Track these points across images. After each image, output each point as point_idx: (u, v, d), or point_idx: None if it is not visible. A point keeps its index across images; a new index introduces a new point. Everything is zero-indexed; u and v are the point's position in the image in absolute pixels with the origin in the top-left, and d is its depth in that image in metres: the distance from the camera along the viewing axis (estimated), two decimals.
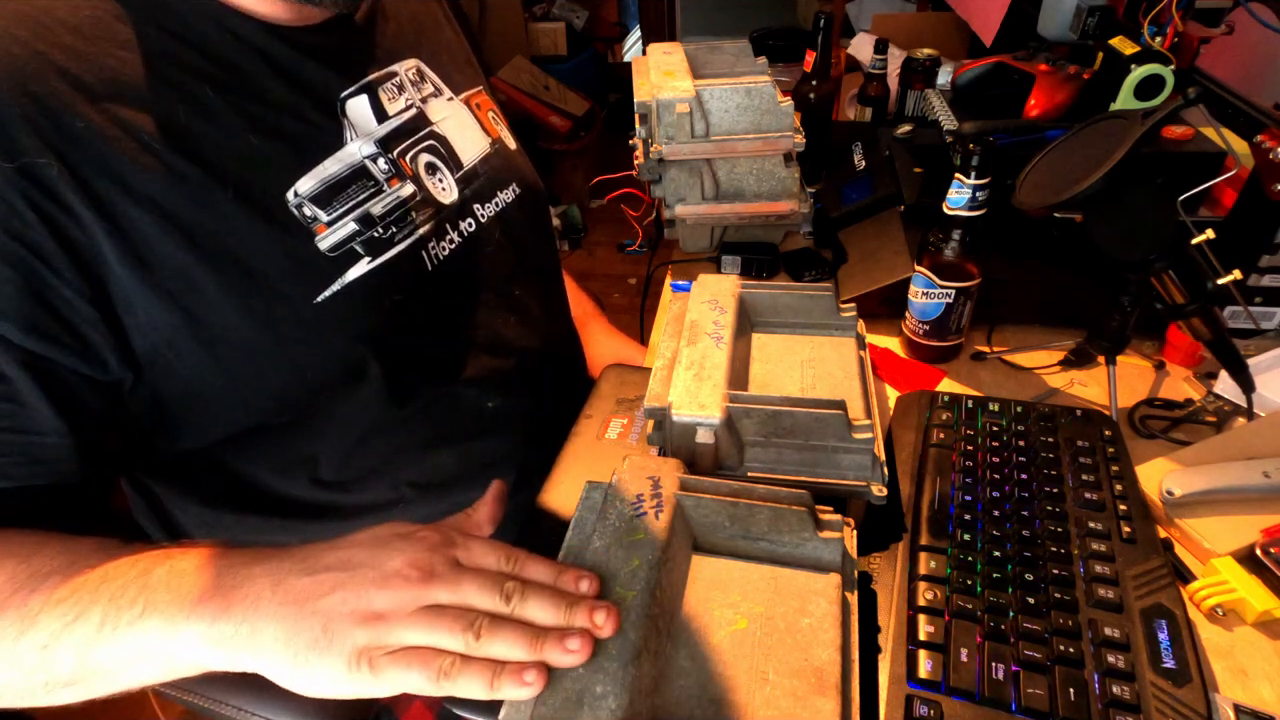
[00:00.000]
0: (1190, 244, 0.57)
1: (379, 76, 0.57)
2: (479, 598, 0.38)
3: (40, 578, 0.40)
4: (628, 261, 2.44)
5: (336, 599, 0.36)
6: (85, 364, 0.44)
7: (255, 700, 0.62)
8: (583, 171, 2.63)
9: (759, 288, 0.65)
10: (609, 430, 0.63)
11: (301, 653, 0.36)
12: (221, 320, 0.47)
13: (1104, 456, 0.58)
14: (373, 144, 0.55)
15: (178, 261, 0.45)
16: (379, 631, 0.36)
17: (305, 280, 0.50)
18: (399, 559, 0.38)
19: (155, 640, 0.38)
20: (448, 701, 0.57)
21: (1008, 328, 0.79)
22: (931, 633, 0.46)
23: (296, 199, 0.50)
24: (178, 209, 0.45)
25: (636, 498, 0.47)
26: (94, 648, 0.38)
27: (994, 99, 0.90)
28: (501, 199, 0.66)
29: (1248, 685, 0.48)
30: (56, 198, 0.41)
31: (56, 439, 0.44)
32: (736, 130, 0.83)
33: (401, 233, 0.56)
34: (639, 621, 0.40)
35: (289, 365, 0.50)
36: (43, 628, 0.38)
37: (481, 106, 0.68)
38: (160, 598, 0.38)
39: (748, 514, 0.46)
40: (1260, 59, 0.95)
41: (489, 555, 0.40)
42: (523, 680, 0.35)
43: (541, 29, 2.80)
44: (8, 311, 0.41)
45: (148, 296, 0.44)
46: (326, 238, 0.51)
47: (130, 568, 0.40)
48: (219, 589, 0.38)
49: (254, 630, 0.36)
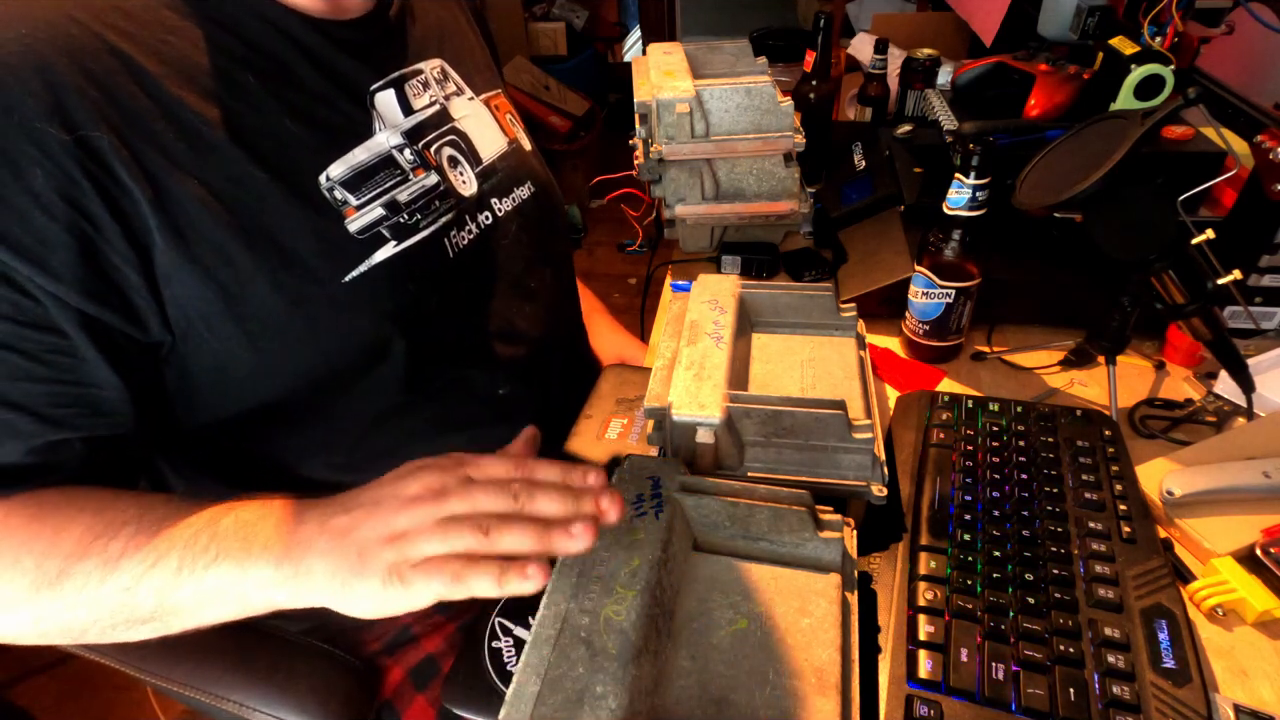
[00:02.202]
0: (1190, 244, 0.57)
1: (406, 72, 0.60)
2: (489, 502, 0.41)
3: (117, 525, 0.44)
4: (628, 261, 2.44)
5: (367, 528, 0.41)
6: (133, 326, 0.47)
7: (255, 696, 0.62)
8: (583, 171, 2.63)
9: (759, 288, 0.65)
10: (609, 430, 0.63)
11: (346, 580, 0.40)
12: (254, 295, 0.49)
13: (1104, 456, 0.58)
14: (400, 135, 0.58)
15: (216, 237, 0.47)
16: (402, 547, 0.40)
17: (335, 260, 0.53)
18: (416, 485, 0.42)
19: (228, 582, 0.42)
20: (447, 701, 0.57)
21: (1008, 328, 0.79)
22: (931, 633, 0.46)
23: (329, 182, 0.53)
24: (218, 186, 0.48)
25: (636, 498, 0.47)
26: (173, 589, 0.43)
27: (994, 99, 0.90)
28: (518, 195, 0.69)
29: (1248, 685, 0.48)
30: (109, 170, 0.44)
31: (113, 392, 0.47)
32: (736, 130, 0.83)
33: (426, 220, 0.58)
34: (639, 621, 0.40)
35: (315, 342, 0.53)
36: (125, 571, 0.43)
37: (500, 108, 0.71)
38: (230, 545, 0.43)
39: (748, 514, 0.46)
40: (1260, 59, 0.95)
41: (498, 466, 0.44)
42: (525, 574, 0.38)
43: (541, 29, 2.80)
44: (65, 275, 0.43)
45: (186, 270, 0.47)
46: (356, 220, 0.54)
47: (199, 518, 0.44)
48: (279, 535, 0.43)
49: (309, 568, 0.41)
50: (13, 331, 0.43)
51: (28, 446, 0.46)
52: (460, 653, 0.57)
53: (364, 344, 0.55)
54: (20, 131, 0.41)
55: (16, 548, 0.44)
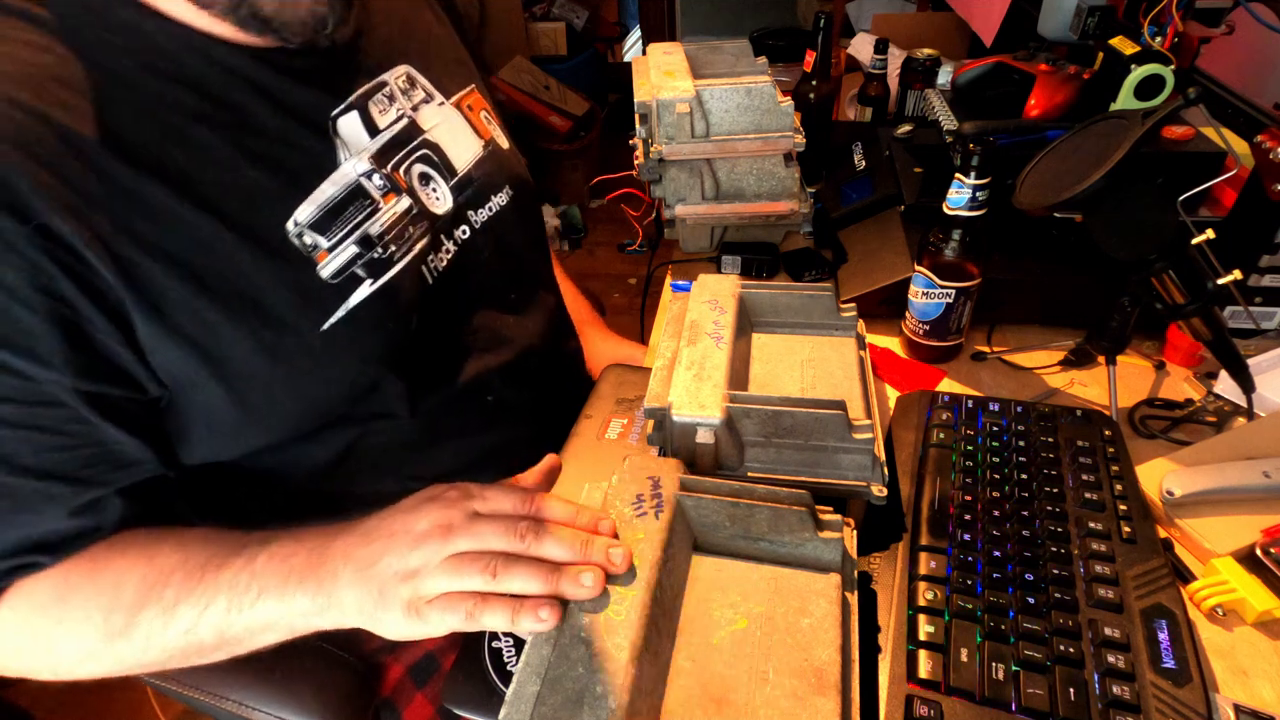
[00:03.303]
0: (1190, 244, 0.57)
1: (368, 89, 0.57)
2: (495, 540, 0.42)
3: (167, 574, 0.47)
4: (628, 261, 2.44)
5: (384, 564, 0.43)
6: (131, 390, 0.47)
7: (255, 694, 0.62)
8: (583, 171, 2.63)
9: (759, 288, 0.65)
10: (609, 430, 0.63)
11: (372, 611, 0.43)
12: (237, 356, 0.49)
13: (1104, 456, 0.58)
14: (366, 160, 0.55)
15: (191, 305, 0.47)
16: (415, 585, 0.42)
17: (311, 310, 0.51)
18: (425, 521, 0.44)
19: (274, 614, 0.45)
20: (447, 701, 0.57)
21: (1008, 328, 0.79)
22: (931, 633, 0.46)
23: (296, 228, 0.51)
24: (186, 254, 0.47)
25: (636, 498, 0.47)
26: (228, 626, 0.46)
27: (994, 99, 0.89)
28: (495, 203, 0.67)
29: (1248, 685, 0.48)
30: (75, 253, 0.43)
31: (132, 446, 0.48)
32: (736, 130, 0.83)
33: (400, 250, 0.56)
34: (639, 621, 0.40)
35: (301, 393, 0.53)
36: (182, 616, 0.46)
37: (473, 107, 0.68)
38: (269, 582, 0.46)
39: (748, 514, 0.46)
40: (1260, 59, 0.95)
41: (505, 501, 0.45)
42: (538, 616, 0.40)
43: (541, 29, 2.80)
44: (55, 361, 0.43)
45: (166, 342, 0.47)
46: (328, 264, 0.52)
47: (237, 557, 0.47)
48: (310, 568, 0.45)
49: (340, 600, 0.44)
50: (26, 413, 0.44)
51: (69, 508, 0.47)
52: (460, 653, 0.57)
53: (349, 387, 0.55)
54: None
55: (85, 604, 0.47)
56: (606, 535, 0.44)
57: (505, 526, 0.43)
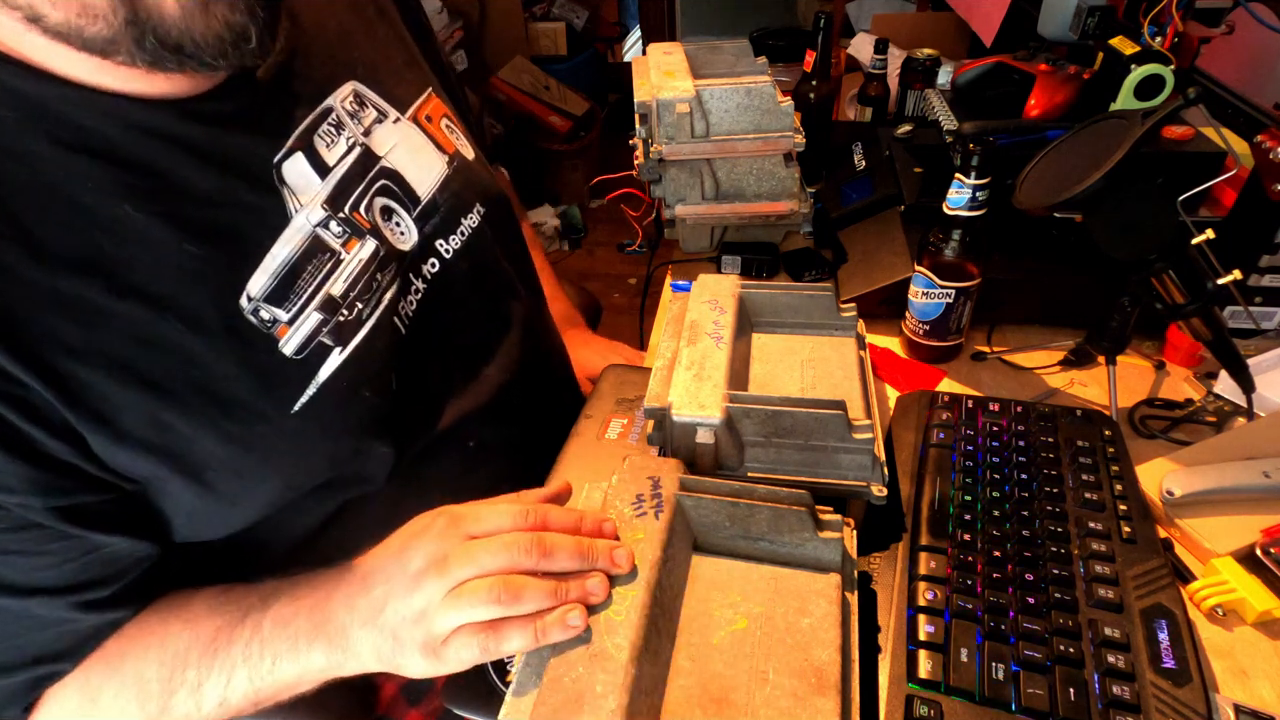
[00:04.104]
0: (1190, 244, 0.57)
1: (311, 122, 0.50)
2: (495, 560, 0.41)
3: (183, 655, 0.46)
4: (628, 261, 2.44)
5: (390, 611, 0.42)
6: (106, 494, 0.44)
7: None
8: (583, 171, 2.63)
9: (759, 288, 0.65)
10: (609, 430, 0.63)
11: (390, 659, 0.43)
12: (201, 451, 0.45)
13: (1104, 456, 0.58)
14: (320, 207, 0.49)
15: (142, 410, 0.42)
16: (426, 626, 0.41)
17: (278, 392, 0.47)
18: (418, 558, 0.42)
19: (295, 674, 0.45)
20: (447, 701, 0.57)
21: (1008, 328, 0.79)
22: (931, 633, 0.46)
23: (250, 304, 0.45)
24: (128, 356, 0.42)
25: (636, 498, 0.47)
26: (256, 692, 0.46)
27: (994, 99, 0.89)
28: (466, 225, 0.61)
29: (1248, 685, 0.48)
30: (8, 376, 0.39)
31: (123, 544, 0.46)
32: (736, 130, 0.83)
33: (369, 306, 0.51)
34: (639, 621, 0.40)
35: (276, 476, 0.49)
36: (211, 692, 0.46)
37: (432, 117, 0.61)
38: (280, 647, 0.45)
39: (748, 514, 0.46)
40: (1260, 59, 0.95)
41: (503, 518, 0.43)
42: (567, 624, 0.40)
43: (541, 29, 2.80)
44: (16, 486, 0.40)
45: (121, 452, 0.43)
46: (289, 339, 0.47)
47: (242, 627, 0.46)
48: (316, 627, 0.45)
49: (356, 652, 0.44)
50: (6, 539, 0.41)
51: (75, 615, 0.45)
52: None
53: (328, 462, 0.51)
54: None
55: (115, 700, 0.46)
56: (609, 538, 0.44)
57: (505, 546, 0.41)
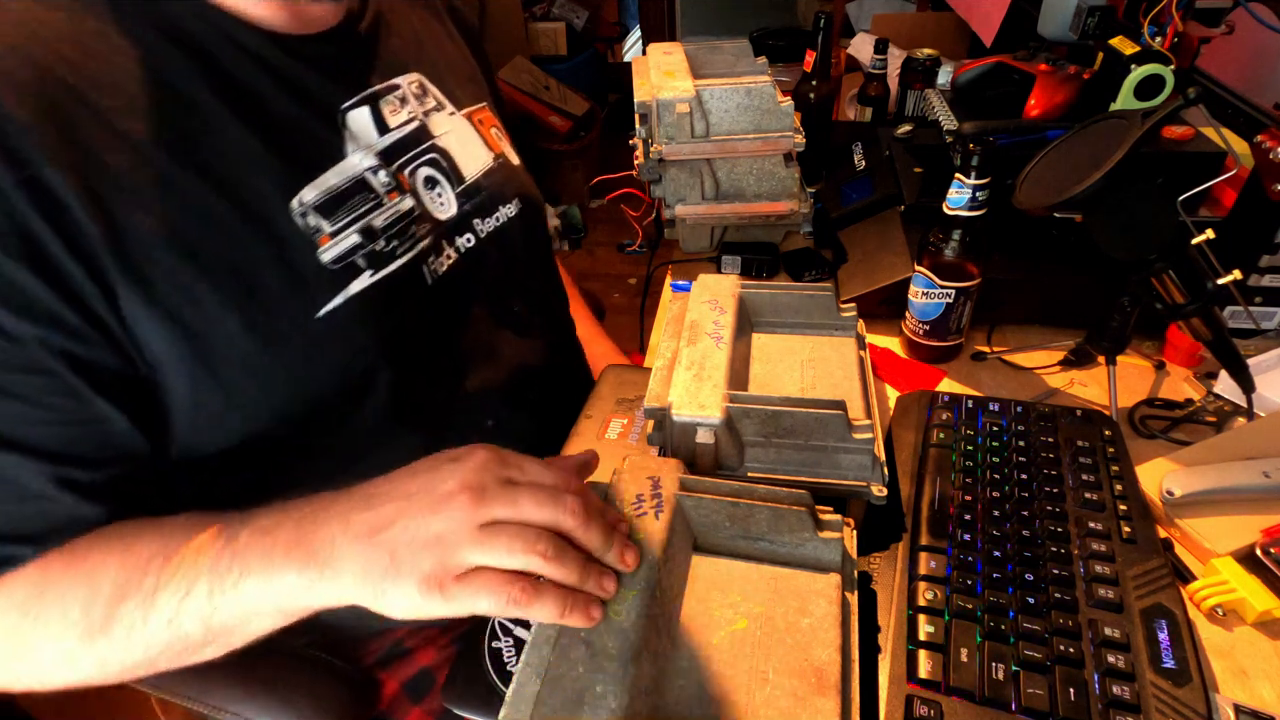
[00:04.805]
0: (1190, 244, 0.57)
1: (381, 88, 0.57)
2: (535, 512, 0.39)
3: (145, 560, 0.43)
4: (628, 261, 2.44)
5: (398, 528, 0.38)
6: (120, 361, 0.45)
7: (255, 707, 0.62)
8: (583, 171, 2.63)
9: (759, 288, 0.65)
10: (609, 430, 0.63)
11: (378, 583, 0.38)
12: (222, 335, 0.47)
13: (1104, 456, 0.58)
14: (373, 156, 0.55)
15: (179, 276, 0.45)
16: (441, 554, 0.37)
17: (308, 293, 0.50)
18: (451, 481, 0.39)
19: (258, 596, 0.41)
20: (447, 701, 0.57)
21: (1008, 328, 0.79)
22: (931, 633, 0.46)
23: (301, 208, 0.50)
24: (178, 221, 0.45)
25: (636, 498, 0.47)
26: (211, 613, 0.42)
27: (994, 99, 0.89)
28: (504, 213, 0.66)
29: (1248, 685, 0.48)
30: (64, 209, 0.41)
31: (121, 424, 0.45)
32: (736, 130, 0.83)
33: (403, 246, 0.55)
34: (639, 621, 0.40)
35: (290, 380, 0.50)
36: (162, 605, 0.42)
37: (484, 123, 0.68)
38: (251, 558, 0.41)
39: (748, 514, 0.46)
40: (1260, 59, 0.95)
41: (545, 474, 0.41)
42: (589, 615, 0.38)
43: (541, 29, 2.80)
44: (42, 318, 0.41)
45: (148, 315, 0.44)
46: (330, 249, 0.51)
47: (217, 537, 0.43)
48: (298, 538, 0.41)
49: (336, 570, 0.39)
50: (8, 380, 0.42)
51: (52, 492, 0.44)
52: (460, 653, 0.56)
53: (340, 379, 0.52)
54: None
55: (61, 598, 0.43)
56: (624, 532, 0.43)
57: (553, 500, 0.39)
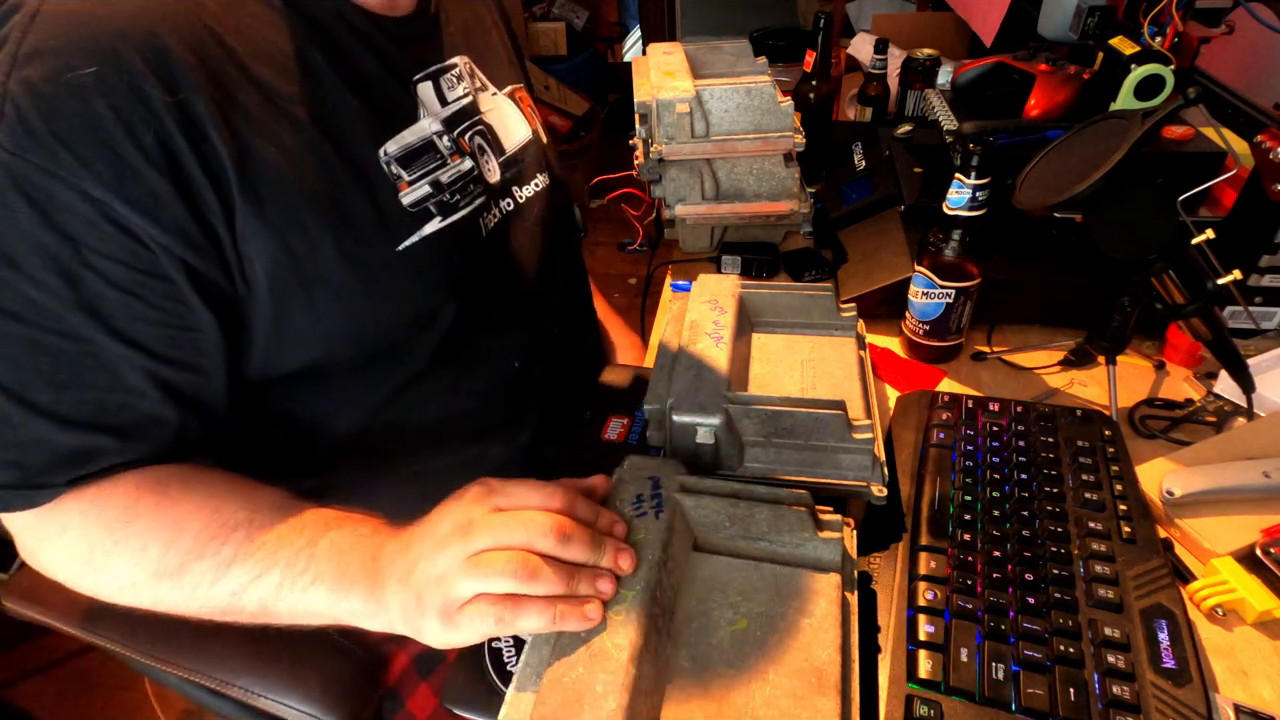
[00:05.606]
0: (1190, 244, 0.57)
1: (442, 67, 0.65)
2: (516, 535, 0.42)
3: (230, 528, 0.48)
4: (628, 261, 2.44)
5: (420, 570, 0.43)
6: (224, 278, 0.51)
7: (263, 681, 0.63)
8: (583, 171, 2.62)
9: (759, 288, 0.65)
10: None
11: (413, 620, 0.43)
12: (320, 258, 0.53)
13: (1104, 456, 0.58)
14: (439, 122, 0.62)
15: (288, 199, 0.51)
16: (445, 590, 0.42)
17: (390, 229, 0.57)
18: (447, 522, 0.44)
19: (322, 604, 0.47)
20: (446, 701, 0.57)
21: (1008, 328, 0.79)
22: (931, 633, 0.46)
23: (386, 157, 0.57)
24: (292, 151, 0.51)
25: (636, 498, 0.47)
26: (274, 601, 0.47)
27: (994, 99, 0.89)
28: (538, 183, 0.73)
29: (1248, 685, 0.48)
30: (203, 131, 0.47)
31: (213, 335, 0.51)
32: (736, 130, 0.83)
33: (464, 200, 0.63)
34: (639, 621, 0.40)
35: (371, 307, 0.57)
36: (234, 577, 0.48)
37: (522, 100, 0.75)
38: (326, 570, 0.47)
39: (748, 514, 0.46)
40: (1260, 59, 0.95)
41: (532, 495, 0.45)
42: (585, 615, 0.40)
43: (541, 29, 2.80)
44: (172, 228, 0.47)
45: (261, 231, 0.50)
46: (409, 194, 0.58)
47: (299, 535, 0.48)
48: (364, 569, 0.46)
49: (387, 606, 0.45)
50: (132, 278, 0.47)
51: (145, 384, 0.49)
52: (460, 652, 0.57)
53: (412, 310, 0.59)
54: (131, 92, 0.44)
55: (144, 534, 0.48)
56: (619, 538, 0.44)
57: (525, 523, 0.42)
